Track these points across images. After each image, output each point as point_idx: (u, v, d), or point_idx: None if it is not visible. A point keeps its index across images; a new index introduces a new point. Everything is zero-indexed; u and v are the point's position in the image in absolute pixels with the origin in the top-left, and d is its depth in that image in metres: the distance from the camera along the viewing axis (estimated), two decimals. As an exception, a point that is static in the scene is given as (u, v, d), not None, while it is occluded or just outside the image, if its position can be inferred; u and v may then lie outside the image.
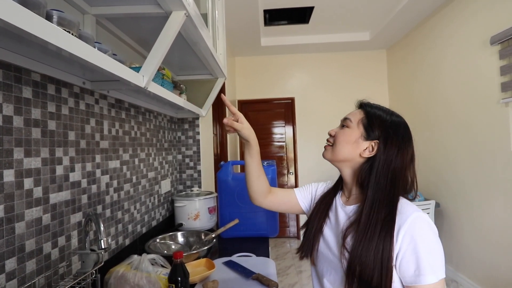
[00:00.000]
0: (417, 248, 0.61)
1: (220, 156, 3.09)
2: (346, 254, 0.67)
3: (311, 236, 0.79)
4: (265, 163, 1.53)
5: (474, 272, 2.56)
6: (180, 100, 1.25)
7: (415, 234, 0.61)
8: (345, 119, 0.77)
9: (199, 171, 1.84)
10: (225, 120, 0.81)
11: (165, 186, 1.60)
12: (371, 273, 0.62)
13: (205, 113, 1.79)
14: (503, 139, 2.17)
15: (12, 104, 0.65)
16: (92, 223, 0.75)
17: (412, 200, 0.72)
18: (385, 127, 0.71)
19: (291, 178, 4.13)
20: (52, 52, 0.69)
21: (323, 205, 0.81)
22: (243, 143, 0.85)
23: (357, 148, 0.72)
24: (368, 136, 0.72)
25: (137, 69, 0.90)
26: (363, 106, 0.78)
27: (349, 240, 0.68)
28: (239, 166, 3.26)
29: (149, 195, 1.39)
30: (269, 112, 4.17)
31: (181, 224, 1.56)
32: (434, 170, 3.10)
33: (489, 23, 2.24)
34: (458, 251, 2.76)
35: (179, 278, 0.80)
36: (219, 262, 1.17)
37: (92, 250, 0.75)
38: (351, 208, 0.74)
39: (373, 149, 0.71)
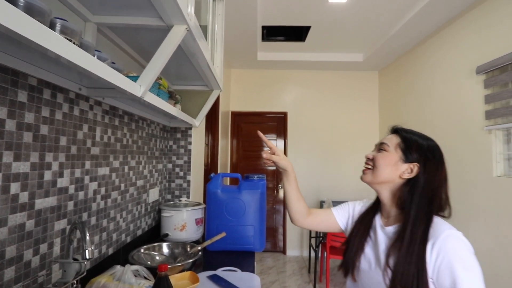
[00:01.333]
0: (451, 263, 0.65)
1: (211, 167, 3.08)
2: (389, 272, 0.72)
3: (352, 254, 0.84)
4: (256, 177, 1.54)
5: None
6: (175, 110, 1.26)
7: (448, 250, 0.66)
8: (382, 143, 0.81)
9: (189, 181, 1.83)
10: (264, 155, 0.91)
11: (153, 195, 1.59)
12: (411, 286, 0.67)
13: (199, 123, 1.80)
14: (486, 165, 2.24)
15: (6, 107, 0.65)
16: (77, 231, 0.73)
17: (448, 217, 0.78)
18: (423, 150, 0.77)
19: (280, 192, 4.13)
20: (51, 58, 0.69)
21: (363, 225, 0.86)
22: (281, 172, 0.95)
23: (397, 170, 0.78)
24: (406, 159, 0.78)
25: (135, 78, 0.91)
26: (398, 131, 0.83)
27: (391, 259, 0.73)
28: (228, 179, 3.25)
29: (136, 204, 1.37)
30: (261, 125, 4.20)
31: (166, 235, 1.53)
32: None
33: (476, 53, 2.35)
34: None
35: (163, 292, 0.79)
36: (203, 275, 1.15)
37: (74, 259, 0.74)
38: (391, 229, 0.78)
39: (412, 171, 0.77)
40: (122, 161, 1.21)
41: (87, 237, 0.66)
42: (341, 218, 0.96)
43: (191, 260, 1.17)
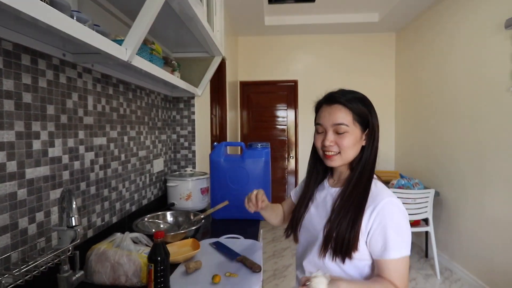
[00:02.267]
0: (386, 228, 0.70)
1: (220, 138, 3.06)
2: (325, 231, 0.76)
3: (297, 214, 0.88)
4: (259, 145, 1.50)
5: (468, 261, 2.56)
6: (170, 77, 1.21)
7: (386, 216, 0.70)
8: (339, 125, 0.76)
9: (194, 152, 1.81)
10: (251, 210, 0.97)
11: (158, 165, 1.59)
12: (342, 239, 0.72)
13: (201, 92, 1.75)
14: (509, 128, 2.09)
15: (-21, 73, 0.62)
16: (67, 201, 0.73)
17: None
18: (371, 117, 0.80)
19: (292, 162, 4.11)
20: (24, 21, 0.65)
21: (310, 187, 0.88)
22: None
23: (360, 143, 0.80)
24: (364, 130, 0.80)
25: (121, 42, 0.85)
26: (344, 103, 0.78)
27: (329, 219, 0.78)
28: (236, 148, 3.23)
29: (139, 174, 1.37)
30: (271, 95, 4.09)
31: (173, 204, 1.55)
32: (435, 158, 3.04)
33: (506, 4, 2.11)
34: (455, 240, 2.75)
35: (159, 258, 0.79)
36: (206, 243, 1.16)
37: (69, 227, 0.74)
38: (337, 190, 0.82)
39: (367, 136, 0.80)
40: (120, 131, 1.19)
41: (74, 205, 0.65)
42: (296, 198, 0.97)
43: (193, 228, 1.18)
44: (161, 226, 1.28)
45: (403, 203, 2.74)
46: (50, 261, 0.69)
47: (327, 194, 0.84)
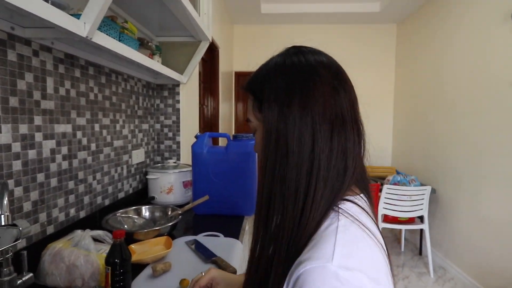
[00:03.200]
0: None
1: (212, 130, 2.96)
2: None
3: None
4: (245, 136, 1.40)
5: (462, 260, 2.50)
6: (144, 59, 1.10)
7: None
8: (247, 121, 0.51)
9: (178, 143, 1.72)
10: None
11: (138, 156, 1.49)
12: None
13: (186, 79, 1.64)
14: (511, 125, 2.00)
15: None
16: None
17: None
18: (266, 92, 0.45)
19: (286, 155, 4.02)
20: None
21: None
22: None
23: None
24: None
25: (79, 16, 0.75)
26: (246, 88, 0.50)
27: None
28: (220, 139, 3.13)
29: (115, 165, 1.28)
30: (267, 86, 3.98)
31: (153, 198, 1.47)
32: (433, 155, 2.96)
33: (513, -7, 2.00)
34: (449, 238, 2.68)
35: (117, 260, 0.70)
36: (182, 240, 1.07)
37: (13, 225, 0.65)
38: None
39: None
40: (90, 119, 1.09)
41: (5, 202, 0.56)
42: None
43: (169, 224, 1.09)
44: (136, 222, 1.19)
45: (398, 200, 2.46)
46: (-16, 264, 0.60)
47: None
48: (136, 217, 1.21)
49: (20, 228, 0.64)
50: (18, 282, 0.67)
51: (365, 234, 0.38)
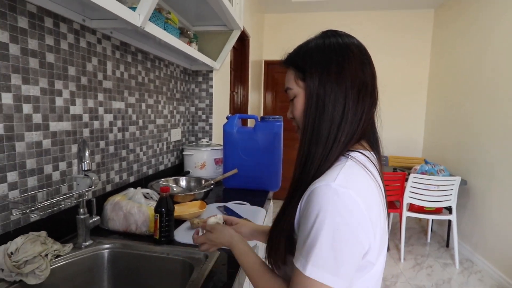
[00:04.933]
0: (305, 223, 0.47)
1: (241, 115, 3.10)
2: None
3: None
4: (271, 118, 1.52)
5: (491, 253, 2.45)
6: (184, 46, 1.25)
7: (310, 207, 0.47)
8: (286, 90, 0.60)
9: (211, 124, 1.88)
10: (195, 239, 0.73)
11: (175, 135, 1.67)
12: (270, 238, 0.56)
13: (219, 66, 1.78)
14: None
15: (8, 32, 0.70)
16: (82, 151, 0.81)
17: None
18: (311, 66, 0.56)
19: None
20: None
21: None
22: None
23: None
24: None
25: (135, 9, 0.90)
26: (287, 62, 0.60)
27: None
28: (249, 121, 3.27)
29: (157, 141, 1.46)
30: (296, 75, 4.03)
31: (188, 172, 1.64)
32: (465, 147, 2.87)
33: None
34: (479, 231, 2.62)
35: (163, 209, 0.87)
36: (214, 205, 1.23)
37: (86, 175, 0.83)
38: None
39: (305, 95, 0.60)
40: (138, 98, 1.27)
41: (86, 154, 0.74)
42: None
43: (203, 191, 1.25)
44: (174, 189, 1.37)
45: (425, 189, 2.48)
46: (68, 201, 0.78)
47: None
48: (175, 185, 1.39)
49: (93, 178, 0.82)
50: (90, 221, 0.85)
51: (366, 175, 0.51)
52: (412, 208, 2.76)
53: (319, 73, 0.53)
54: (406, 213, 2.66)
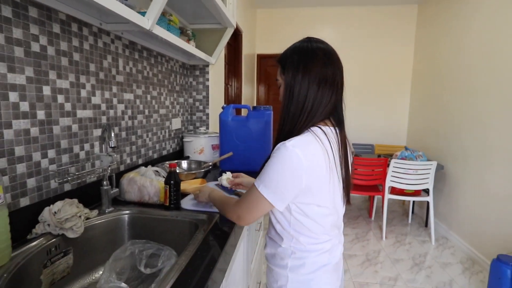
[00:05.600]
0: (268, 162, 0.72)
1: (235, 106, 3.28)
2: None
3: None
4: (262, 107, 1.71)
5: (463, 229, 2.71)
6: (185, 45, 1.42)
7: (272, 154, 0.72)
8: (276, 80, 0.83)
9: (208, 114, 2.06)
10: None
11: (176, 123, 1.85)
12: None
13: (214, 60, 1.95)
14: (512, 102, 2.14)
15: (46, 36, 0.87)
16: (107, 132, 0.99)
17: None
18: (287, 60, 0.79)
19: (304, 134, 4.27)
20: (74, -4, 0.88)
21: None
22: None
23: None
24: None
25: (144, 14, 1.07)
26: (277, 60, 0.82)
27: None
28: (242, 110, 3.45)
29: (160, 128, 1.64)
30: (287, 68, 4.20)
31: (188, 157, 1.83)
32: (444, 135, 3.10)
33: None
34: (455, 211, 2.88)
35: (172, 182, 1.06)
36: (212, 183, 1.42)
37: (108, 154, 1.01)
38: None
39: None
40: (144, 90, 1.45)
41: (112, 134, 0.92)
42: None
43: (202, 170, 1.44)
44: (177, 170, 1.55)
45: (404, 173, 2.80)
46: (93, 175, 0.96)
47: None
48: (178, 167, 1.58)
49: (114, 156, 1.00)
50: (111, 192, 1.04)
51: (316, 142, 0.72)
52: (393, 191, 3.00)
53: (292, 69, 0.75)
54: (388, 196, 2.90)
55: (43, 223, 0.85)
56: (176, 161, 1.59)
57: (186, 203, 1.13)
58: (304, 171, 0.68)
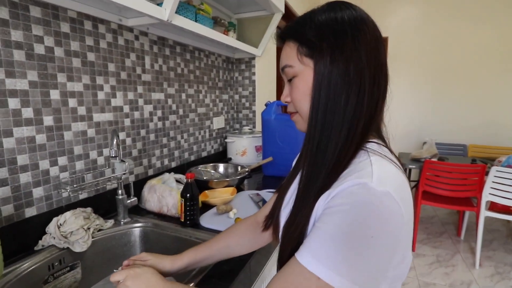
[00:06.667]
0: (327, 217, 0.41)
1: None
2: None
3: (276, 202, 0.62)
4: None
5: None
6: (218, 36, 1.26)
7: (338, 203, 0.40)
8: (282, 70, 0.52)
9: (254, 112, 1.89)
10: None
11: (218, 122, 1.74)
12: (288, 239, 0.48)
13: (260, 52, 1.76)
14: None
15: (52, 37, 0.81)
16: (115, 138, 0.90)
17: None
18: (328, 38, 0.47)
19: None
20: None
21: (293, 169, 0.64)
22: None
23: None
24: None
25: (162, 4, 0.95)
26: (287, 34, 0.51)
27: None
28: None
29: (198, 128, 1.54)
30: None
31: (230, 159, 1.70)
32: None
33: None
34: None
35: (188, 195, 0.92)
36: (246, 193, 1.25)
37: (122, 160, 0.93)
38: None
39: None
40: (177, 89, 1.35)
41: (114, 142, 0.82)
42: None
43: (236, 178, 1.28)
44: (212, 175, 1.44)
45: (511, 185, 2.12)
46: (110, 183, 0.89)
47: None
48: (213, 171, 1.46)
49: (127, 164, 0.92)
50: (127, 201, 0.96)
51: (396, 168, 0.45)
52: (494, 207, 2.34)
53: (331, 48, 0.45)
54: (485, 213, 2.28)
55: (49, 235, 0.81)
56: (212, 164, 1.47)
57: (207, 219, 0.99)
58: (404, 229, 0.41)
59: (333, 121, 0.45)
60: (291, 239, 0.47)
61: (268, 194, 1.23)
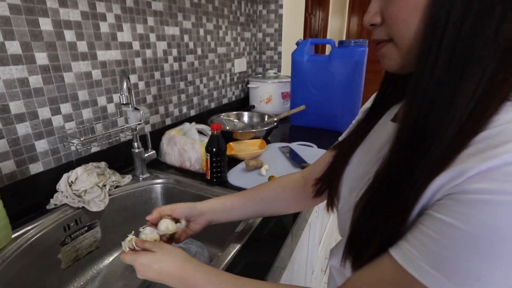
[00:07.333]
0: (456, 210, 0.25)
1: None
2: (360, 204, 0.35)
3: (336, 163, 0.48)
4: (353, 42, 1.21)
5: None
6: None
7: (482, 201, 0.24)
8: None
9: (280, 53, 1.65)
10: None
11: (240, 65, 1.53)
12: (372, 240, 0.32)
13: (290, -22, 1.45)
14: None
15: None
16: (125, 81, 0.74)
17: None
18: None
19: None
20: None
21: (364, 122, 0.46)
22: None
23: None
24: None
25: None
26: None
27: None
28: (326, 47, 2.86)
29: (218, 72, 1.35)
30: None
31: (253, 106, 1.53)
32: None
33: None
34: None
35: (214, 149, 0.79)
36: (276, 146, 1.11)
37: (136, 108, 0.79)
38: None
39: None
40: (194, 22, 1.13)
41: (124, 86, 0.66)
42: None
43: (264, 129, 1.13)
44: (235, 125, 1.29)
45: None
46: (123, 134, 0.77)
47: (382, 132, 0.41)
48: (237, 120, 1.31)
49: (142, 112, 0.77)
50: (145, 155, 0.84)
51: None
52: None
53: None
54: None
55: (61, 193, 0.72)
56: (235, 112, 1.31)
57: (235, 175, 0.87)
58: None
59: (474, 51, 0.27)
60: (378, 229, 0.31)
61: (299, 148, 1.09)
